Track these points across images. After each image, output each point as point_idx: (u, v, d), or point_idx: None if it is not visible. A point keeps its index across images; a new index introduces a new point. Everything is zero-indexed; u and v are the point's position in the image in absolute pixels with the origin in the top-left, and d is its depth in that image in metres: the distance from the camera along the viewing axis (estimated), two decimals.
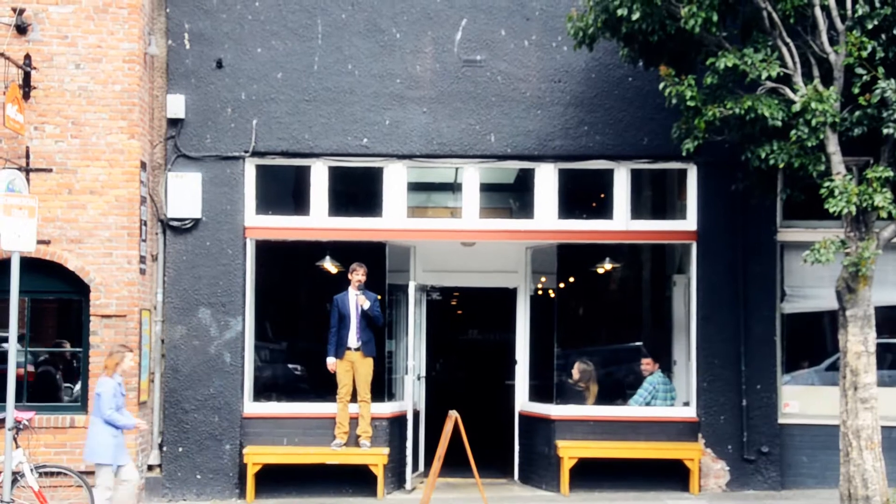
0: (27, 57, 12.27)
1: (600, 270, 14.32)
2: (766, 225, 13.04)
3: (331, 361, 12.86)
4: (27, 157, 12.24)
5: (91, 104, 12.40)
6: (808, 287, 13.19)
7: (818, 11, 10.54)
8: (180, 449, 12.86)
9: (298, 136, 13.17)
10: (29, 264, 12.00)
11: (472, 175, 13.39)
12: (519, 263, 14.27)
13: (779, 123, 10.51)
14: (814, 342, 13.74)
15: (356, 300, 12.74)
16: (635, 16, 10.66)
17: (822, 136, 10.50)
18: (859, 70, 10.48)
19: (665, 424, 13.07)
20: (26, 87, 12.23)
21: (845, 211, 10.36)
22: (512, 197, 14.94)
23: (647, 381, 13.42)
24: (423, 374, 14.21)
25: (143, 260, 12.57)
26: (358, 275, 12.80)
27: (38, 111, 12.32)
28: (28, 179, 11.95)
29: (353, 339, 12.78)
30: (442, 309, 17.72)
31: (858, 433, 10.70)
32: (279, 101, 13.18)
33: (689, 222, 13.24)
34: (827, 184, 10.47)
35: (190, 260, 13.05)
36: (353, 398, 12.82)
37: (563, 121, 13.19)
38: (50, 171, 12.30)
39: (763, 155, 10.78)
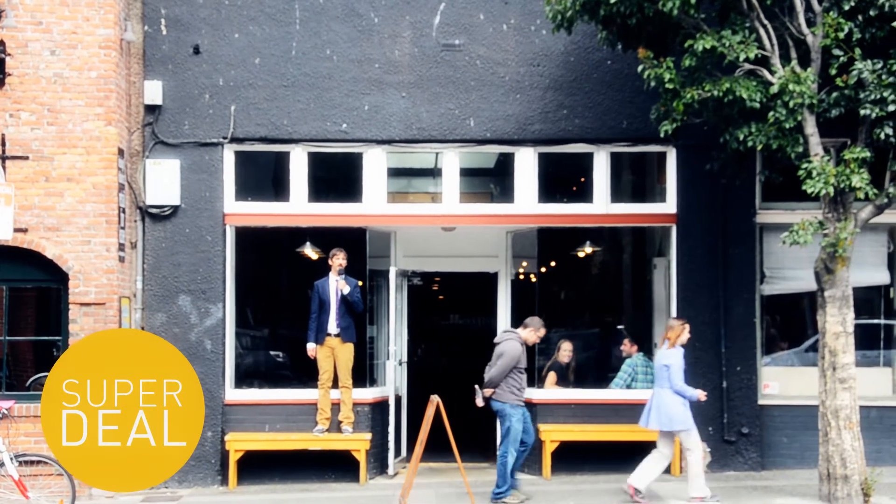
0: (1, 43, 12.16)
1: (581, 254, 14.35)
2: (744, 207, 13.08)
3: (311, 347, 12.84)
4: (3, 144, 12.15)
5: (67, 91, 12.30)
6: (788, 269, 13.23)
7: None
8: None
9: (277, 121, 13.12)
10: (6, 253, 12.00)
11: (451, 160, 13.37)
12: (499, 248, 14.27)
13: (757, 105, 10.55)
14: (793, 323, 13.80)
15: (336, 285, 12.74)
16: None
17: (799, 118, 10.55)
18: (836, 51, 10.54)
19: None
20: (0, 73, 12.14)
21: (823, 192, 10.42)
22: (492, 181, 14.94)
23: (626, 364, 13.46)
24: (405, 359, 14.21)
25: (121, 247, 12.51)
26: (339, 259, 12.78)
27: (13, 98, 12.22)
28: (4, 167, 11.91)
29: (332, 325, 12.77)
30: (423, 294, 17.68)
31: (837, 413, 10.79)
32: (257, 86, 13.12)
33: (669, 205, 13.25)
34: (805, 165, 10.54)
35: (169, 247, 13.00)
36: (335, 384, 12.82)
37: (542, 105, 13.18)
38: (26, 158, 12.21)
39: (741, 137, 10.83)
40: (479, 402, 11.73)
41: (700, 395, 11.60)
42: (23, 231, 12.07)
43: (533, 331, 11.84)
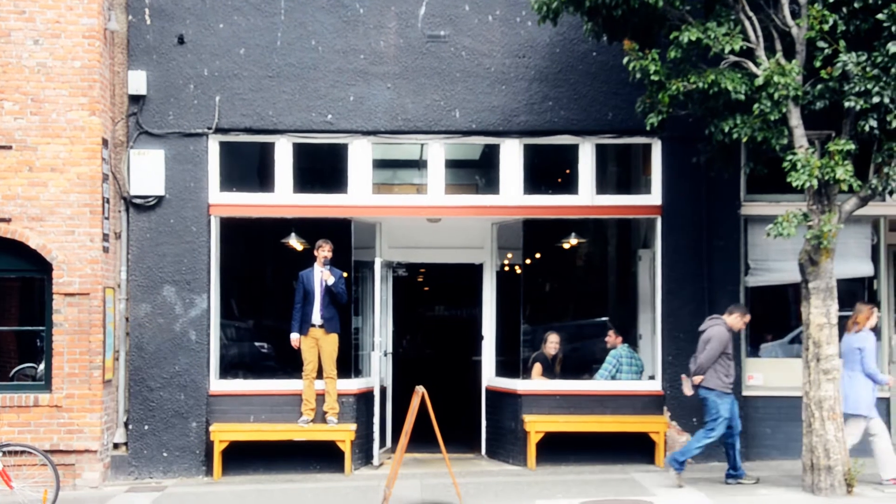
0: None
1: (566, 246, 14.35)
2: (729, 199, 13.11)
3: (294, 337, 12.84)
4: None
5: (51, 80, 12.24)
6: (772, 260, 13.27)
7: None
8: (146, 427, 12.80)
9: (262, 112, 13.08)
10: None
11: (437, 151, 13.36)
12: (485, 239, 14.27)
13: (742, 97, 10.58)
14: (777, 315, 13.85)
15: (321, 276, 12.72)
16: None
17: (784, 110, 10.58)
18: (821, 43, 10.56)
19: (631, 398, 13.14)
20: None
21: (807, 184, 10.46)
22: (477, 173, 14.94)
23: (610, 355, 13.49)
24: (390, 350, 14.21)
25: (106, 238, 12.46)
26: (324, 251, 12.76)
27: None
28: None
29: (316, 316, 12.76)
30: (408, 285, 17.70)
31: (821, 404, 10.84)
32: (242, 77, 13.08)
33: (654, 197, 13.28)
34: (789, 157, 10.56)
35: (154, 237, 12.95)
36: (320, 375, 12.81)
37: (527, 96, 13.18)
38: (9, 148, 12.15)
39: (726, 129, 10.85)
40: (688, 391, 11.85)
41: (890, 380, 11.85)
42: (6, 221, 12.03)
43: (739, 316, 11.85)
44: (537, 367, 13.54)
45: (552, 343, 13.71)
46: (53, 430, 12.08)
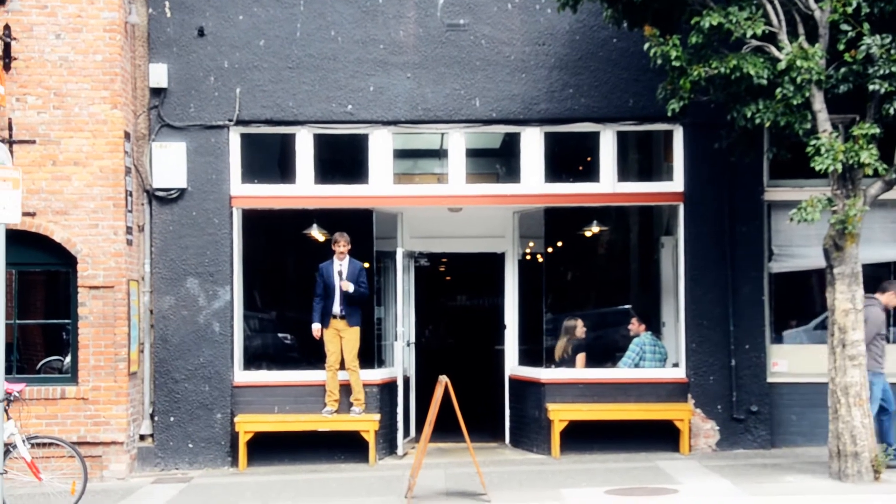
0: (6, 27, 12.15)
1: (588, 234, 14.32)
2: (752, 185, 13.04)
3: (316, 327, 12.85)
4: (10, 128, 12.16)
5: (73, 74, 12.29)
6: (796, 246, 13.20)
7: None
8: (172, 418, 12.87)
9: (282, 103, 13.10)
10: (15, 237, 11.91)
11: (457, 140, 13.34)
12: (506, 228, 14.25)
13: (764, 82, 10.50)
14: (802, 301, 13.77)
15: (338, 280, 12.71)
16: None
17: (807, 94, 10.50)
18: (844, 26, 10.47)
19: (655, 386, 13.12)
20: (6, 58, 12.13)
21: (831, 169, 10.38)
22: (498, 162, 14.92)
23: (633, 343, 13.45)
24: (413, 340, 14.22)
25: (129, 230, 12.52)
26: (340, 246, 12.77)
27: (19, 82, 12.21)
28: (11, 151, 11.89)
29: (336, 308, 12.78)
30: (430, 275, 17.70)
31: (847, 390, 10.78)
32: (262, 68, 13.09)
33: (676, 184, 13.22)
34: (813, 142, 10.49)
35: (176, 230, 13.00)
36: (343, 365, 12.83)
37: (547, 84, 13.14)
38: (33, 142, 12.22)
39: (749, 114, 10.77)
40: None
41: None
42: (31, 215, 12.08)
43: (894, 294, 11.72)
44: (581, 357, 13.51)
45: (581, 328, 13.72)
46: (80, 423, 12.17)
